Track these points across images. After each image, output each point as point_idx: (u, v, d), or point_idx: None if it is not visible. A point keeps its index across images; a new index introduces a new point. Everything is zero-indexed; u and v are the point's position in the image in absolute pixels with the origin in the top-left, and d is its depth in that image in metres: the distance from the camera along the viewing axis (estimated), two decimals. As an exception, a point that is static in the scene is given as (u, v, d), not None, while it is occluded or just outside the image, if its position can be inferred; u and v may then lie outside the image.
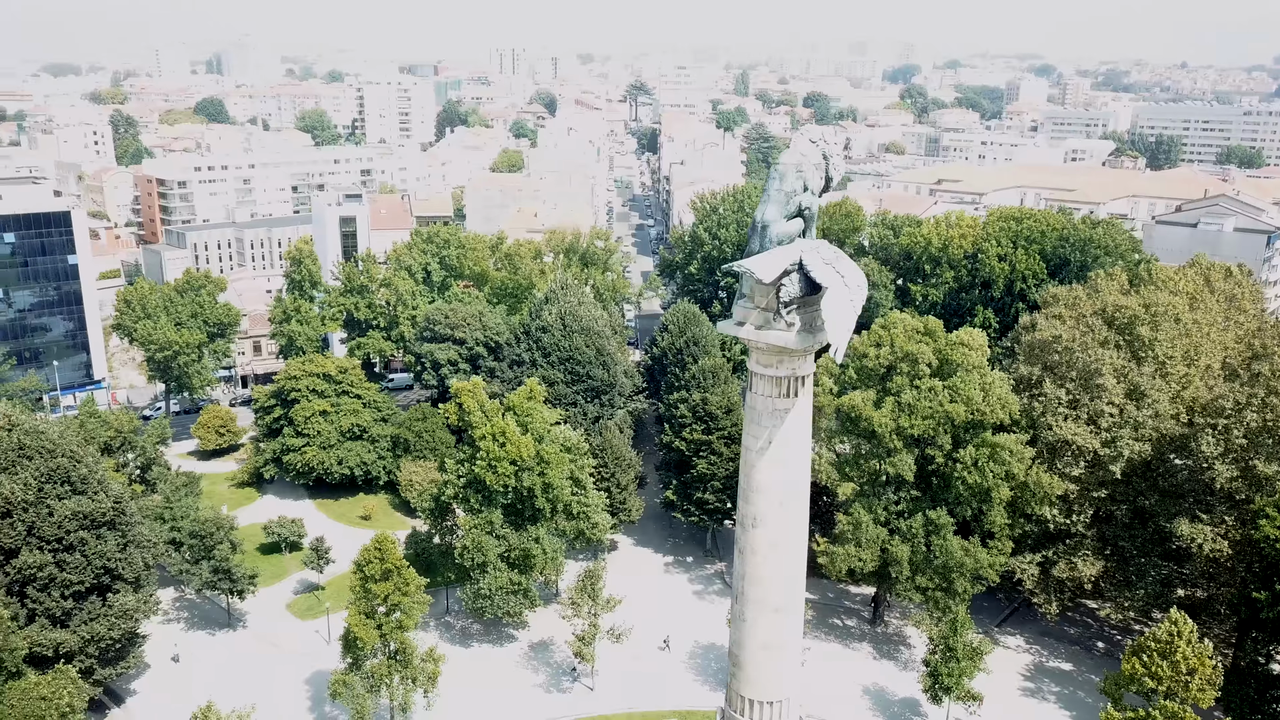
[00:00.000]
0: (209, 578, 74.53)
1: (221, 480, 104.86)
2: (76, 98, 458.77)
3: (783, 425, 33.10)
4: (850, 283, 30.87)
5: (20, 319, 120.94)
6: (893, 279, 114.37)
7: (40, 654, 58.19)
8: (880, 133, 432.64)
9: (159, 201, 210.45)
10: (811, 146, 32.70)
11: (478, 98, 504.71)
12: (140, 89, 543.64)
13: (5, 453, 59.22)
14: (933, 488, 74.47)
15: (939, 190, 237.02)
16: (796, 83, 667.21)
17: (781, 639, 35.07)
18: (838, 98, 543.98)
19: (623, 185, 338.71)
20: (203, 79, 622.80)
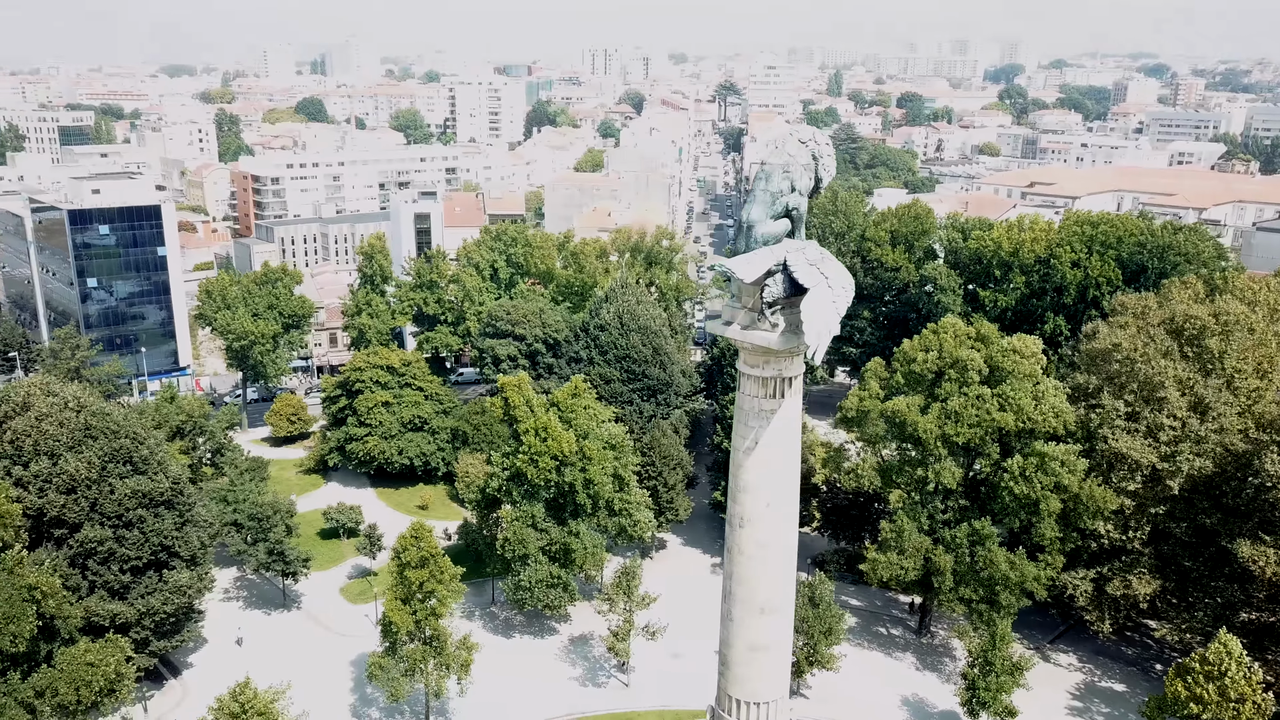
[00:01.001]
0: (264, 559, 77.53)
1: (290, 466, 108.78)
2: (188, 97, 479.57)
3: (769, 426, 33.00)
4: (834, 284, 30.62)
5: (116, 307, 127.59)
6: (960, 283, 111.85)
7: (98, 624, 61.34)
8: (975, 134, 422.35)
9: (253, 197, 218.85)
10: (801, 147, 32.48)
11: (567, 98, 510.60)
12: (247, 89, 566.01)
13: (72, 433, 62.66)
14: (981, 497, 72.82)
15: (1030, 193, 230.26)
16: (893, 83, 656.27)
17: (768, 640, 34.95)
18: (933, 98, 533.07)
19: (706, 185, 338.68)
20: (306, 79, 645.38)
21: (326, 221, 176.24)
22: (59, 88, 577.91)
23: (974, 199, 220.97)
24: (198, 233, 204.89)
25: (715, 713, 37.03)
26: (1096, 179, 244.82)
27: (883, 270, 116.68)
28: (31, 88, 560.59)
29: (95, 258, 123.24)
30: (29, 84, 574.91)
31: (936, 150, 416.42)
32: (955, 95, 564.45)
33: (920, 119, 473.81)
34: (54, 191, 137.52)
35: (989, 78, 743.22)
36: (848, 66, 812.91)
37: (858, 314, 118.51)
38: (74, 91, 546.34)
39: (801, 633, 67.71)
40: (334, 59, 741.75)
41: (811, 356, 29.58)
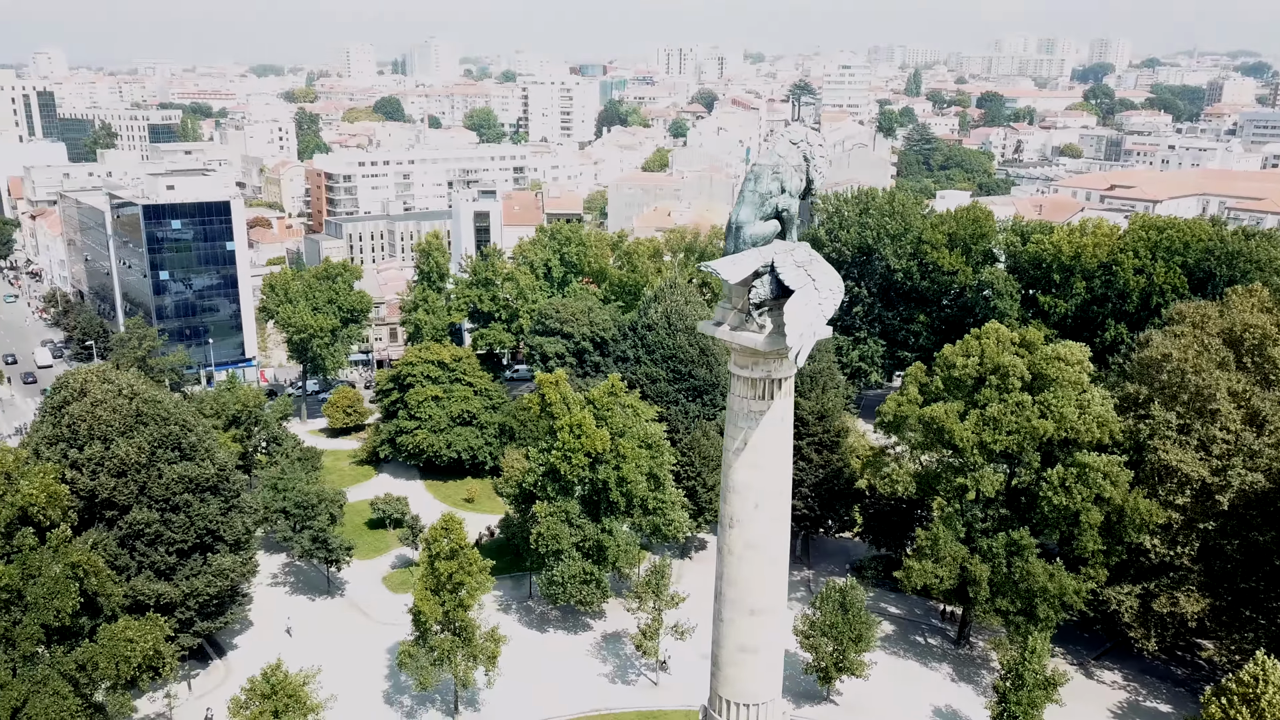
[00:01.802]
0: (308, 546, 79.74)
1: (344, 457, 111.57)
2: (272, 96, 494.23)
3: (758, 427, 32.91)
4: (821, 286, 30.37)
5: (187, 299, 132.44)
6: (1019, 288, 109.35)
7: (144, 603, 63.88)
8: (1056, 135, 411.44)
9: (326, 194, 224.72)
10: (792, 148, 32.29)
11: (640, 97, 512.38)
12: (329, 88, 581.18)
13: (124, 418, 65.29)
14: (1021, 507, 71.23)
15: (1109, 196, 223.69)
16: (976, 82, 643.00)
17: (758, 642, 34.84)
18: (1014, 98, 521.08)
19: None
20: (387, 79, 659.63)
21: (393, 219, 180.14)
22: (153, 87, 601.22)
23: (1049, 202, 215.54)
24: (272, 228, 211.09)
25: (707, 713, 37.08)
26: (1181, 182, 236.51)
27: (939, 274, 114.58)
28: (128, 87, 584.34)
29: (168, 251, 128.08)
30: (125, 84, 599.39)
31: (1015, 152, 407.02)
32: (1039, 95, 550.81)
33: (1000, 119, 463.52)
34: (133, 187, 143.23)
35: (1076, 77, 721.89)
36: (929, 66, 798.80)
37: (913, 318, 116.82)
38: (167, 91, 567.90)
39: (831, 638, 67.20)
40: (414, 59, 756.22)
41: (795, 358, 29.41)
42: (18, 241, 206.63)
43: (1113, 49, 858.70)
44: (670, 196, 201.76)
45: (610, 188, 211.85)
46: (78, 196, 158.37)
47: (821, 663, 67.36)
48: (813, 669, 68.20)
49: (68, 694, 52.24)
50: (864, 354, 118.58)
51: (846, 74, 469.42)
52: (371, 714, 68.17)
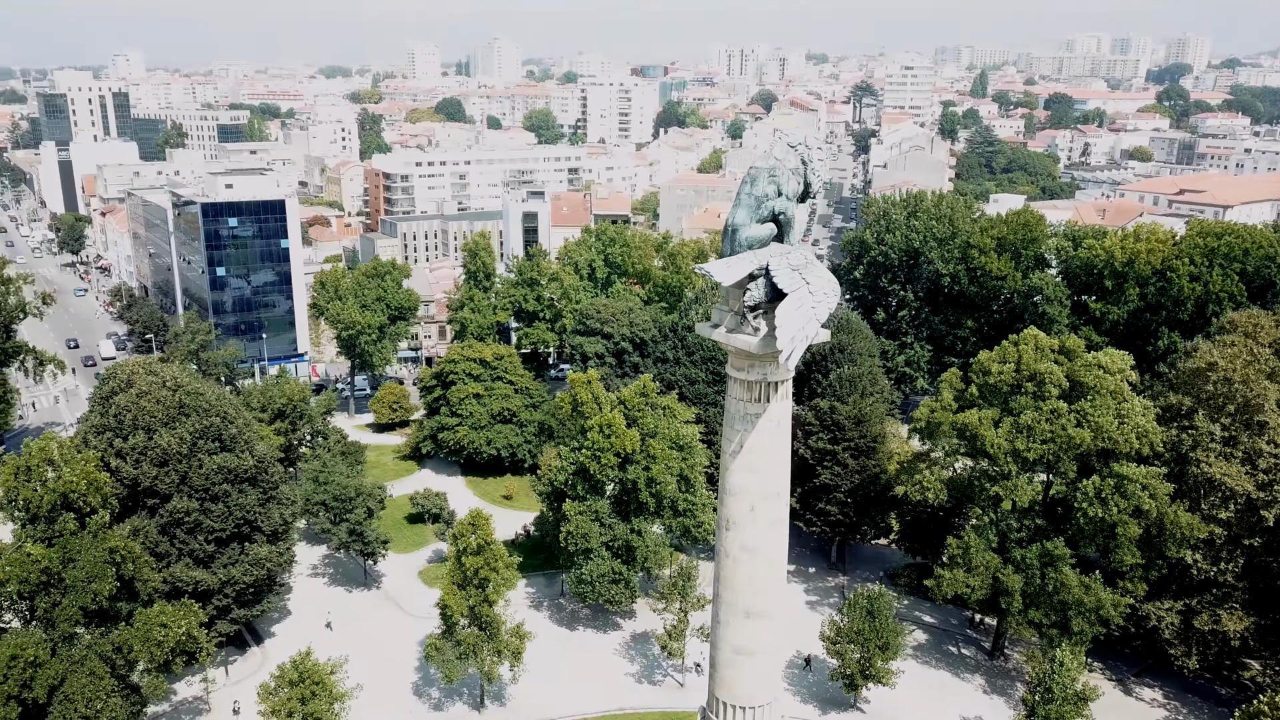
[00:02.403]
0: (345, 538, 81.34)
1: (389, 452, 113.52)
2: (339, 97, 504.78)
3: (754, 430, 32.84)
4: (815, 290, 30.21)
5: (243, 295, 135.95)
6: (1069, 294, 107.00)
7: (182, 589, 65.82)
8: (1126, 138, 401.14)
9: (384, 194, 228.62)
10: (789, 151, 32.19)
11: (699, 99, 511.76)
12: (394, 89, 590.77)
13: (167, 410, 67.34)
14: (1057, 517, 69.78)
15: (1178, 201, 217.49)
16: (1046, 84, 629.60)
17: (753, 645, 34.72)
18: (1083, 99, 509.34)
19: (832, 187, 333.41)
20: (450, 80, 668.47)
21: (446, 218, 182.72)
22: (225, 88, 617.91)
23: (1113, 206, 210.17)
24: (331, 227, 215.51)
25: (705, 714, 37.08)
26: (1255, 186, 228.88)
27: (988, 279, 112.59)
28: (201, 88, 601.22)
29: (225, 248, 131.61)
30: (199, 85, 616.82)
31: (1082, 155, 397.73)
32: (1110, 97, 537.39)
33: (1067, 122, 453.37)
34: (194, 185, 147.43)
35: (1151, 78, 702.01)
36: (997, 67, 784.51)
37: (961, 323, 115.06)
38: (238, 92, 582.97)
39: (858, 645, 66.58)
40: (478, 60, 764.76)
41: (786, 361, 29.32)
42: (89, 237, 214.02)
43: (1191, 49, 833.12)
44: (722, 198, 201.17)
45: (662, 189, 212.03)
46: (143, 194, 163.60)
47: (848, 670, 66.77)
48: (839, 675, 67.68)
49: (104, 674, 54.06)
50: (910, 359, 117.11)
51: (909, 75, 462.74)
52: (400, 705, 69.35)
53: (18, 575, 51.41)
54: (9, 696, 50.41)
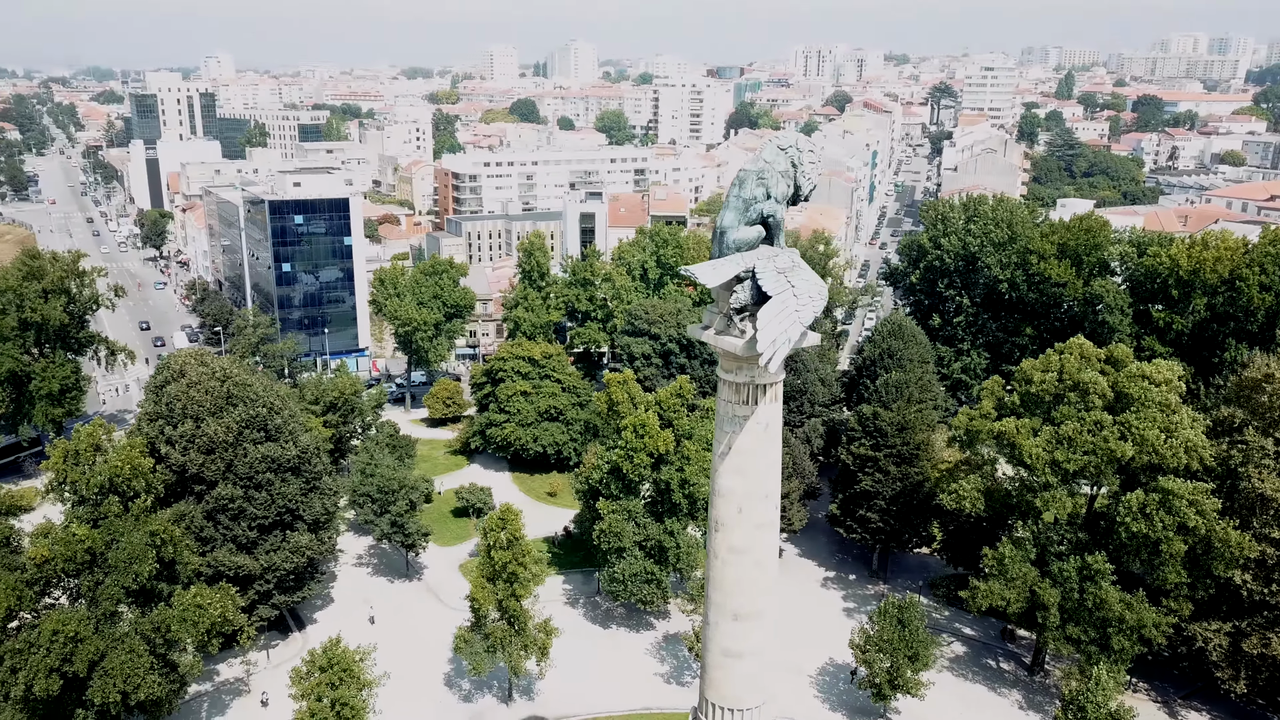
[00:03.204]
0: (387, 530, 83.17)
1: (441, 446, 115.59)
2: (417, 98, 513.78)
3: (741, 432, 32.76)
4: (800, 293, 29.99)
5: (307, 290, 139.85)
6: (1131, 302, 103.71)
7: (225, 573, 68.15)
8: (1218, 141, 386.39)
9: (452, 193, 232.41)
10: (779, 153, 31.95)
11: (773, 100, 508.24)
12: (471, 90, 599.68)
13: (215, 399, 69.77)
14: (1100, 531, 67.83)
15: (1268, 208, 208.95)
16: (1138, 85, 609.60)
17: (741, 647, 34.61)
18: (1174, 101, 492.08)
19: (904, 190, 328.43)
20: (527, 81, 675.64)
21: (510, 218, 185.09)
22: (310, 89, 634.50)
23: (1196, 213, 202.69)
24: (400, 225, 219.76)
25: (695, 715, 37.13)
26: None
27: (1047, 285, 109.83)
28: (287, 89, 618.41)
29: (290, 244, 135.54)
30: (286, 85, 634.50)
31: (1170, 159, 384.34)
32: (1204, 99, 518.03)
33: (1157, 124, 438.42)
34: (265, 184, 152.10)
35: (1252, 79, 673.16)
36: (1086, 68, 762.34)
37: (1019, 330, 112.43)
38: (322, 92, 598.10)
39: (887, 654, 65.68)
40: (555, 62, 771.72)
41: (765, 364, 29.21)
42: (171, 233, 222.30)
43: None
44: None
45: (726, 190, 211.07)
46: (219, 191, 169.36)
47: (875, 679, 65.91)
48: (866, 684, 66.86)
49: (143, 652, 56.26)
50: (966, 366, 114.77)
51: (989, 76, 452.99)
52: (431, 695, 70.66)
53: (63, 554, 53.88)
54: (51, 669, 52.84)
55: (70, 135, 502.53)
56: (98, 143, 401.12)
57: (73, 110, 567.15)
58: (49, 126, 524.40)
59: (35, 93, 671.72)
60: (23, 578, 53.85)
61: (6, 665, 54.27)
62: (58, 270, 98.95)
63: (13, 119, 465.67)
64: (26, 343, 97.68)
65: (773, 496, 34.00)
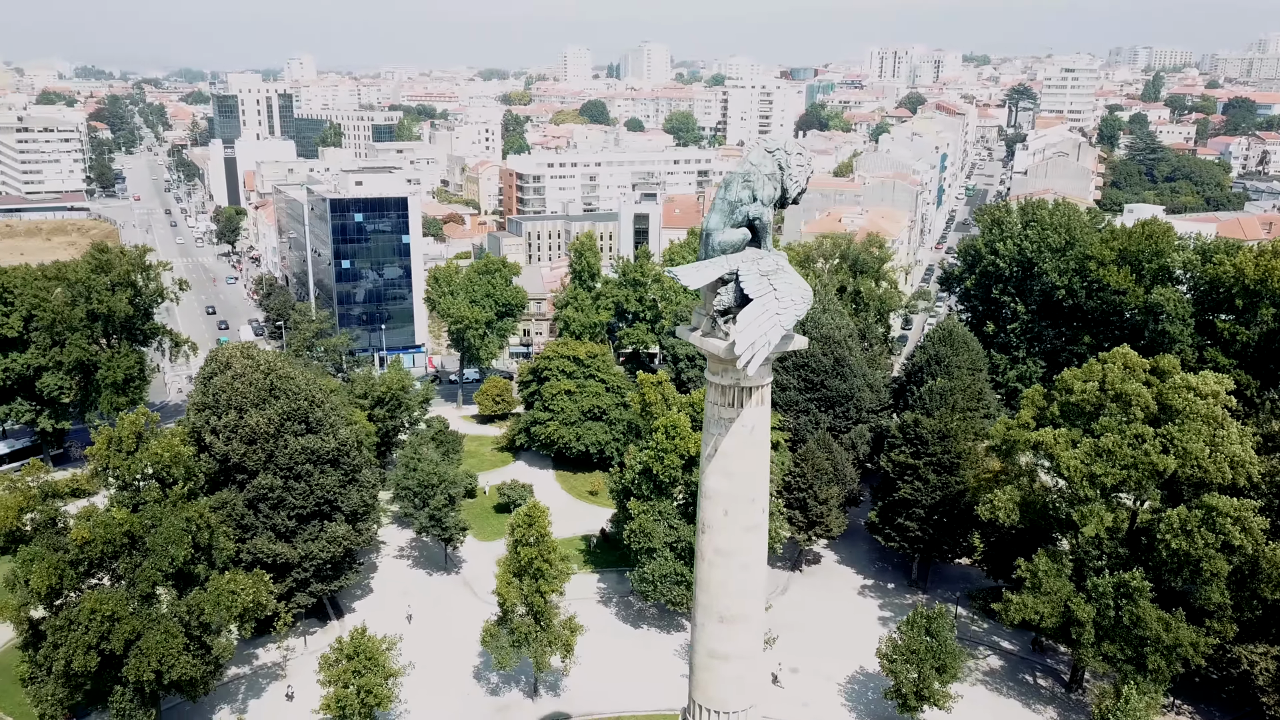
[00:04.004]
0: (425, 523, 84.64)
1: (488, 443, 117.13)
2: (490, 99, 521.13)
3: (727, 434, 32.67)
4: (782, 297, 29.79)
5: (366, 287, 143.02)
6: (1191, 311, 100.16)
7: (263, 560, 70.19)
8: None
9: (516, 193, 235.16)
10: (766, 157, 31.73)
11: (845, 101, 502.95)
12: (544, 91, 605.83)
13: (259, 391, 71.86)
14: (1141, 547, 65.76)
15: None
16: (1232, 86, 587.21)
17: (727, 650, 34.49)
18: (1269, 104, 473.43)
19: (975, 193, 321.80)
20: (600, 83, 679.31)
21: (570, 219, 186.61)
22: (388, 90, 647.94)
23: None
24: (464, 224, 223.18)
25: (684, 716, 37.15)
26: None
27: (1106, 292, 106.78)
28: (366, 90, 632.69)
29: (350, 241, 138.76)
30: (365, 86, 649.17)
31: (1260, 164, 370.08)
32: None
33: (1248, 127, 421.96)
34: (329, 182, 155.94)
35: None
36: (1178, 69, 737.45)
37: (1078, 339, 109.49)
38: (399, 93, 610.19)
39: (914, 665, 64.64)
40: (628, 63, 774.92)
41: (743, 368, 29.14)
42: (244, 229, 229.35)
43: None
44: (850, 202, 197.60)
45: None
46: (286, 189, 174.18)
47: (901, 689, 64.88)
48: (892, 694, 65.84)
49: (177, 633, 58.24)
50: (1021, 374, 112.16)
51: (1069, 77, 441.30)
52: (459, 687, 71.76)
53: (103, 536, 56.09)
54: (89, 646, 55.09)
55: (158, 134, 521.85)
56: (182, 142, 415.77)
57: (162, 110, 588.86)
58: (139, 126, 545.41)
59: (129, 93, 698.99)
60: (65, 558, 56.20)
61: (49, 641, 56.80)
62: (124, 264, 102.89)
63: (105, 119, 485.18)
64: (94, 333, 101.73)
65: (759, 500, 33.87)
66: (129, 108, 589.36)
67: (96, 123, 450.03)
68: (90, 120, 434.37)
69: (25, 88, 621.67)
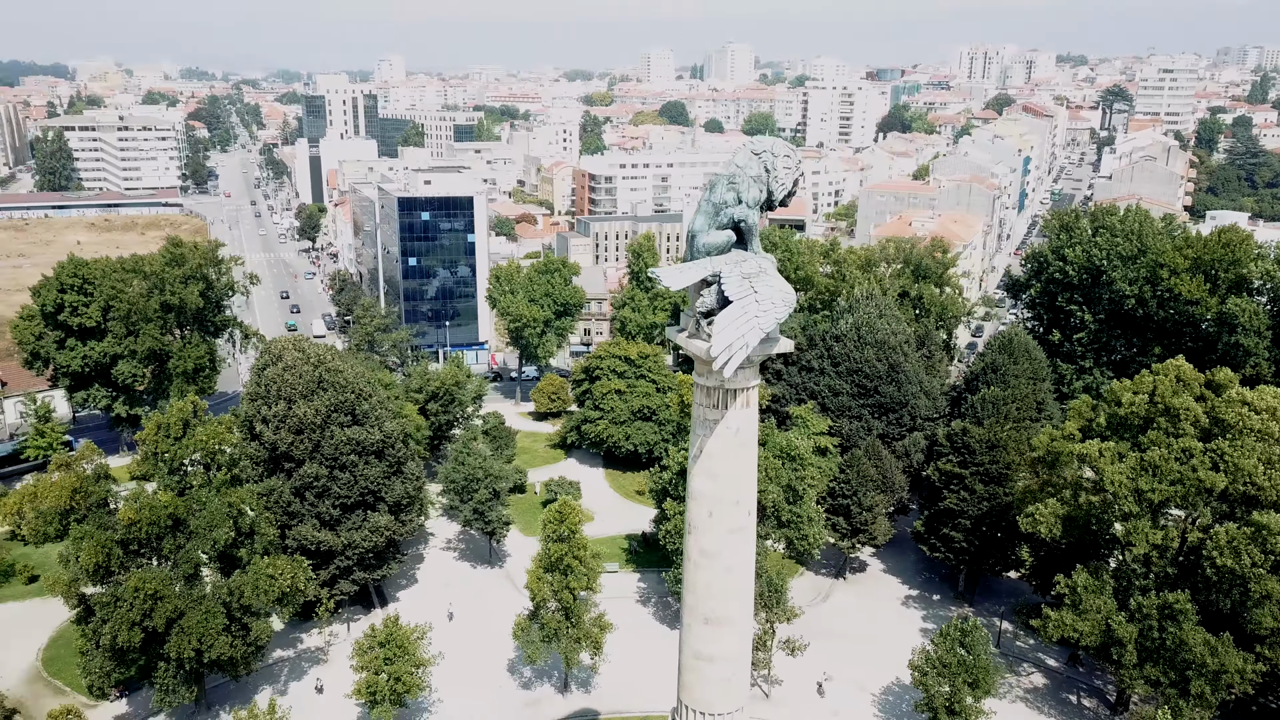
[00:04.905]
0: (469, 516, 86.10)
1: (542, 439, 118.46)
2: (572, 100, 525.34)
3: (712, 436, 32.60)
4: (762, 300, 29.61)
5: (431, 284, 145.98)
6: (1269, 324, 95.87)
7: (308, 547, 72.36)
8: None
9: (588, 194, 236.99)
10: (753, 159, 31.49)
11: (930, 103, 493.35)
12: (626, 92, 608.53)
13: (307, 383, 74.05)
14: (1189, 566, 63.27)
15: None
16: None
17: (712, 651, 34.42)
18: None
19: (1061, 198, 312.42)
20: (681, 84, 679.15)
21: (638, 219, 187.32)
22: (473, 90, 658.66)
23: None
24: (537, 224, 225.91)
25: (673, 716, 37.20)
26: None
27: (1178, 303, 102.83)
28: (452, 90, 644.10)
29: (417, 239, 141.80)
30: (451, 87, 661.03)
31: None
32: None
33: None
34: (399, 181, 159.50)
35: None
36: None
37: (1147, 350, 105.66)
38: (484, 94, 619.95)
39: (945, 678, 63.37)
40: (711, 64, 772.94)
41: (720, 370, 29.09)
42: (324, 226, 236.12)
43: None
44: (924, 205, 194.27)
45: (861, 195, 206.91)
46: (361, 188, 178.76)
47: (933, 702, 63.65)
48: (923, 707, 64.63)
49: (218, 614, 60.53)
50: (1088, 385, 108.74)
51: (1167, 79, 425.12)
52: (492, 679, 72.82)
53: (147, 517, 58.60)
54: (133, 623, 57.60)
55: (252, 133, 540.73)
56: (274, 140, 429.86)
57: (257, 110, 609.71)
58: (235, 125, 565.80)
59: (228, 94, 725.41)
60: (112, 537, 58.85)
61: (98, 617, 59.55)
62: (197, 258, 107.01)
63: (204, 118, 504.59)
64: (167, 324, 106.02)
65: (745, 503, 33.75)
66: (227, 108, 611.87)
67: (195, 122, 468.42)
68: (189, 120, 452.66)
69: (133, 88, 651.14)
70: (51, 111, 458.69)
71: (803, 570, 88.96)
